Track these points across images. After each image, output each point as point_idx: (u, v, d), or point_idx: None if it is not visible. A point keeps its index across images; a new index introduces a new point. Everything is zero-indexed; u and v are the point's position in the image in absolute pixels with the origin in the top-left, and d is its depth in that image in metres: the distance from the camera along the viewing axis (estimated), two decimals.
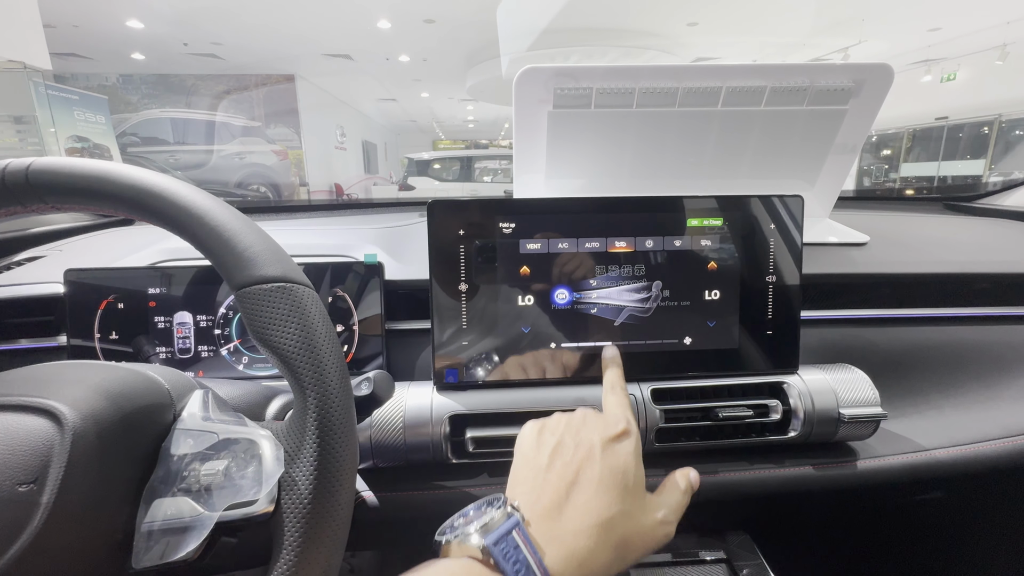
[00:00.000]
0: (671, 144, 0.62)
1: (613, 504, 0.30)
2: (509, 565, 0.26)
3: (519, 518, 0.29)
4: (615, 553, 0.30)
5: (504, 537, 0.27)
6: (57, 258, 0.66)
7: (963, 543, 0.64)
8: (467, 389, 0.47)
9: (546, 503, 0.30)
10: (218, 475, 0.26)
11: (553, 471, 0.32)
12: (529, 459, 0.34)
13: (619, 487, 0.31)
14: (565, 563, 0.28)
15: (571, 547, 0.28)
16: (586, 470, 0.32)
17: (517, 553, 0.27)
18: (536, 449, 0.34)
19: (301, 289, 0.29)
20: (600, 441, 0.33)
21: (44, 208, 0.30)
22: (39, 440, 0.24)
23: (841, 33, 6.46)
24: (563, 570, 0.27)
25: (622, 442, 0.34)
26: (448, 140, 16.88)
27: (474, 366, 0.47)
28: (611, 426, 0.35)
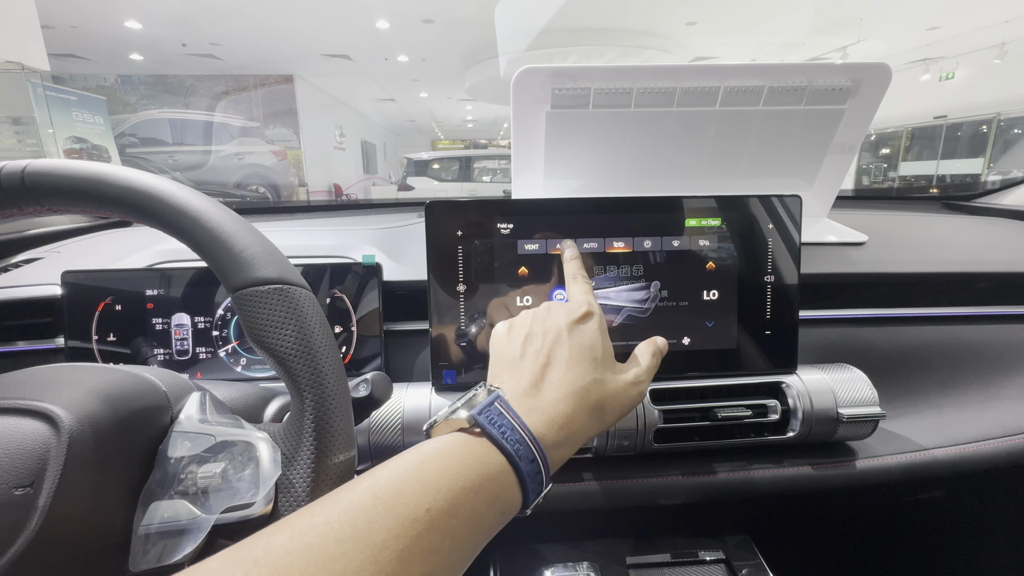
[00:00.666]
0: (669, 144, 0.62)
1: (585, 374, 0.33)
2: (495, 429, 0.27)
3: (500, 392, 0.31)
4: (593, 415, 0.32)
5: (487, 407, 0.29)
6: (55, 260, 0.66)
7: (962, 542, 0.64)
8: (466, 390, 0.47)
9: (524, 384, 0.32)
10: (215, 477, 0.26)
11: (527, 358, 0.34)
12: (503, 354, 0.36)
13: (589, 360, 0.33)
14: (547, 427, 0.30)
15: (551, 414, 0.30)
16: (556, 351, 0.33)
17: (501, 419, 0.28)
18: (508, 344, 0.36)
19: (298, 291, 0.29)
20: (566, 324, 0.35)
21: (40, 211, 0.30)
22: (35, 443, 0.24)
23: (840, 32, 6.46)
24: (546, 432, 0.29)
25: (587, 322, 0.36)
26: (447, 140, 16.88)
27: (472, 367, 0.47)
28: (575, 310, 0.36)
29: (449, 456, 0.26)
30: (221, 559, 0.19)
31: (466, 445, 0.27)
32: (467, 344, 0.47)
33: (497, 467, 0.26)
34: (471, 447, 0.27)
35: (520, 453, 0.27)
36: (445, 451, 0.26)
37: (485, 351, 0.47)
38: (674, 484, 0.47)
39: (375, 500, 0.22)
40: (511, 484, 0.27)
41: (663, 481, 0.47)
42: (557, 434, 0.30)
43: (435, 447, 0.26)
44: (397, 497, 0.22)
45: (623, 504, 0.46)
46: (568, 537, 0.50)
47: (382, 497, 0.22)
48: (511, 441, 0.27)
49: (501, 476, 0.26)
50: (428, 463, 0.25)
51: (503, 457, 0.27)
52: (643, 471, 0.47)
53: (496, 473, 0.26)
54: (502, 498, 0.26)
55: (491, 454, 0.27)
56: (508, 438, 0.27)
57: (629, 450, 0.46)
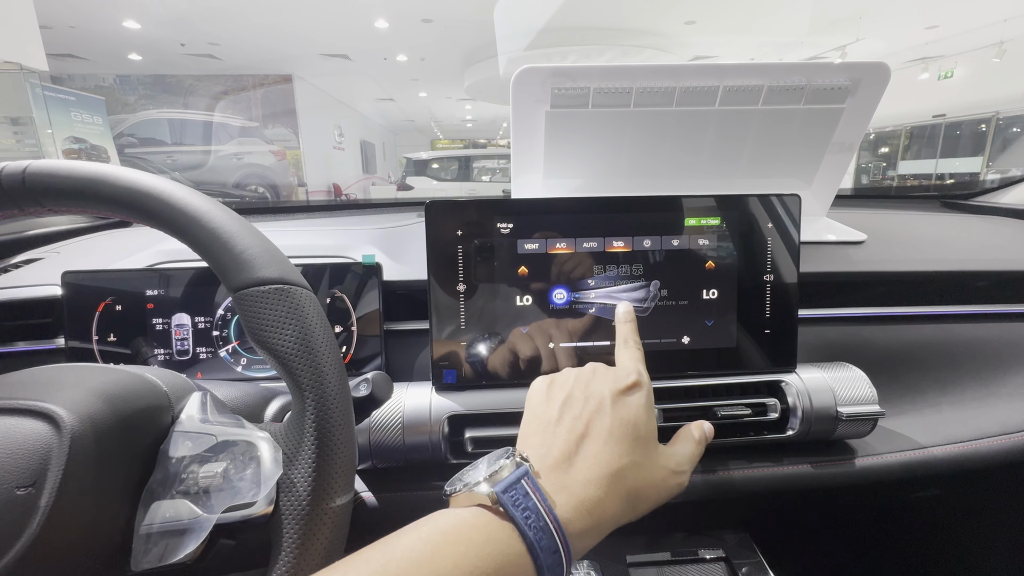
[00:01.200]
0: (668, 143, 0.62)
1: (624, 455, 0.30)
2: (519, 512, 0.26)
3: (528, 468, 0.28)
4: (626, 503, 0.30)
5: (513, 485, 0.27)
6: (55, 260, 0.66)
7: (960, 540, 0.64)
8: (466, 389, 0.47)
9: (556, 455, 0.30)
10: (216, 477, 0.27)
11: (563, 424, 0.32)
12: (538, 413, 0.33)
13: (630, 438, 0.31)
14: (575, 511, 0.27)
15: (581, 496, 0.28)
16: (596, 422, 0.31)
17: (527, 500, 0.26)
18: (546, 403, 0.34)
19: (298, 291, 0.29)
20: (610, 393, 0.33)
21: (41, 211, 0.30)
22: (37, 443, 0.24)
23: (839, 31, 6.46)
24: (573, 518, 0.27)
25: (633, 394, 0.33)
26: (446, 140, 16.86)
27: (473, 366, 0.47)
28: (621, 379, 0.34)
29: (468, 541, 0.24)
30: None
31: (486, 528, 0.25)
32: (475, 340, 0.47)
33: (516, 556, 0.25)
34: (491, 532, 0.25)
35: (542, 544, 0.25)
36: (463, 533, 0.25)
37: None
38: None
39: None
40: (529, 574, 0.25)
41: None
42: (584, 520, 0.28)
43: (452, 525, 0.25)
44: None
45: None
46: None
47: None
48: (534, 528, 0.25)
49: (519, 568, 0.25)
50: (444, 547, 0.24)
51: (524, 546, 0.25)
52: None
53: (514, 564, 0.25)
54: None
55: (512, 542, 0.25)
56: (531, 524, 0.26)
57: None
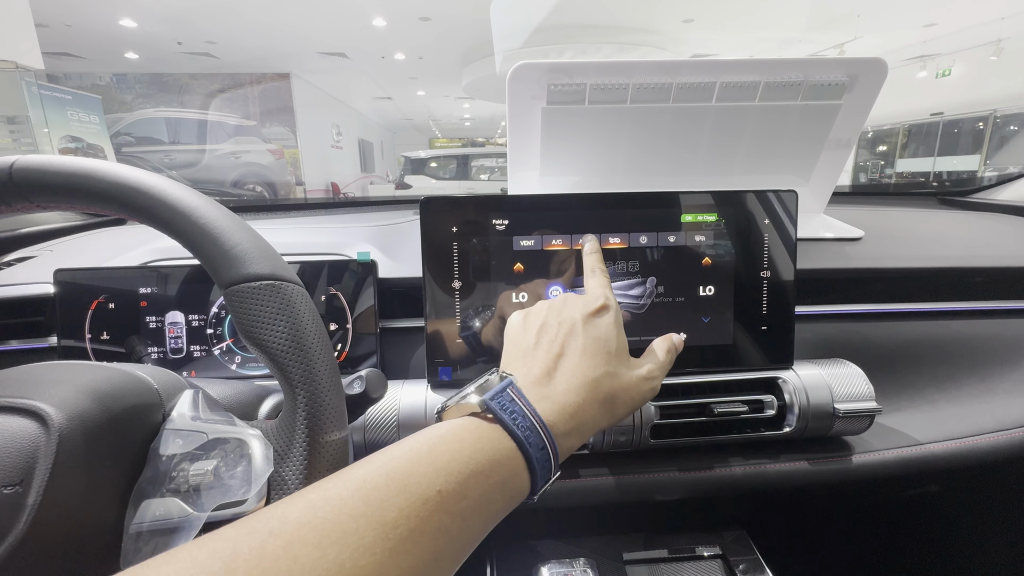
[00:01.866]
0: (665, 140, 0.62)
1: (598, 366, 0.33)
2: (507, 415, 0.28)
3: (512, 379, 0.31)
4: (604, 407, 0.32)
5: (500, 393, 0.29)
6: (48, 258, 0.65)
7: (957, 536, 0.64)
8: (461, 387, 0.46)
9: (536, 373, 0.32)
10: (207, 475, 0.26)
11: (540, 347, 0.34)
12: (517, 342, 0.36)
13: (603, 353, 0.34)
14: (558, 415, 0.30)
15: (562, 403, 0.30)
16: (571, 342, 0.34)
17: (513, 405, 0.28)
18: (522, 332, 0.36)
19: (290, 287, 0.28)
20: (581, 317, 0.35)
21: (30, 207, 0.30)
22: (24, 441, 0.24)
23: (837, 29, 6.47)
24: (556, 420, 0.29)
25: (602, 316, 0.36)
26: (445, 138, 16.85)
27: (468, 364, 0.47)
28: (591, 303, 0.36)
29: (461, 439, 0.26)
30: (237, 528, 0.20)
31: (478, 430, 0.27)
32: (470, 337, 0.47)
33: (507, 452, 0.27)
34: (482, 432, 0.27)
35: (530, 440, 0.27)
36: (457, 434, 0.26)
37: (489, 345, 0.47)
38: (671, 480, 0.47)
39: (388, 479, 0.22)
40: (520, 470, 0.27)
41: (660, 477, 0.47)
42: (567, 423, 0.30)
43: (447, 430, 0.27)
44: (409, 477, 0.23)
45: (620, 500, 0.46)
46: (565, 533, 0.50)
47: (395, 476, 0.23)
48: (522, 428, 0.28)
49: (511, 461, 0.27)
50: (440, 445, 0.25)
51: (513, 443, 0.27)
52: (640, 467, 0.47)
53: (506, 458, 0.26)
54: (511, 483, 0.26)
55: (502, 439, 0.27)
56: (519, 424, 0.28)
57: (626, 446, 0.46)
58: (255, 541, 0.19)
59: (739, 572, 0.46)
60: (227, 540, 0.19)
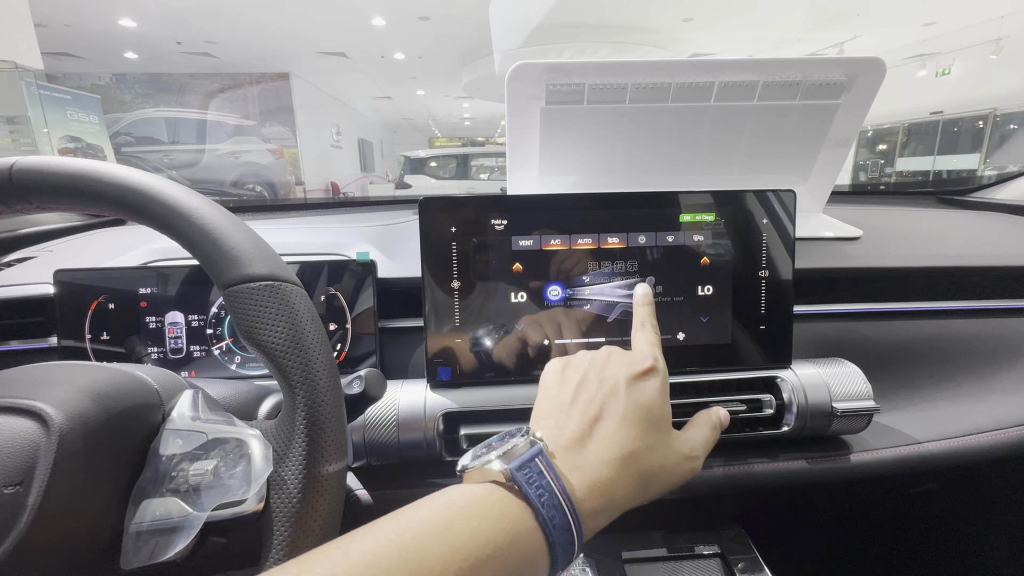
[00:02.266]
0: (664, 140, 0.62)
1: (637, 438, 0.30)
2: (532, 490, 0.26)
3: (542, 447, 0.29)
4: (638, 485, 0.30)
5: (527, 463, 0.27)
6: (48, 259, 0.65)
7: (955, 535, 0.65)
8: (460, 386, 0.47)
9: (569, 436, 0.30)
10: (207, 475, 0.26)
11: (577, 406, 0.32)
12: (553, 394, 0.33)
13: (644, 422, 0.31)
14: (587, 491, 0.28)
15: (593, 477, 0.28)
16: (610, 405, 0.31)
17: (540, 479, 0.26)
18: (560, 384, 0.34)
19: (289, 287, 0.29)
20: (625, 378, 0.32)
21: (29, 208, 0.30)
22: (25, 441, 0.24)
23: (836, 28, 6.47)
24: (585, 497, 0.27)
25: (648, 379, 0.33)
26: (444, 138, 16.85)
27: (467, 363, 0.47)
28: (637, 363, 0.34)
29: (481, 515, 0.24)
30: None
31: (500, 504, 0.25)
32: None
33: (529, 533, 0.25)
34: (505, 508, 0.25)
35: (555, 522, 0.25)
36: (477, 508, 0.25)
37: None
38: None
39: (399, 558, 0.21)
40: (541, 555, 0.25)
41: None
42: (596, 500, 0.28)
43: (467, 499, 0.25)
44: (423, 557, 0.22)
45: None
46: None
47: (406, 556, 0.21)
48: (547, 506, 0.26)
49: (532, 547, 0.25)
50: (458, 520, 0.24)
51: (536, 523, 0.25)
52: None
53: (528, 543, 0.25)
54: (528, 567, 0.25)
55: (525, 518, 0.25)
56: (545, 502, 0.26)
57: None
58: None
59: (737, 571, 0.46)
60: None
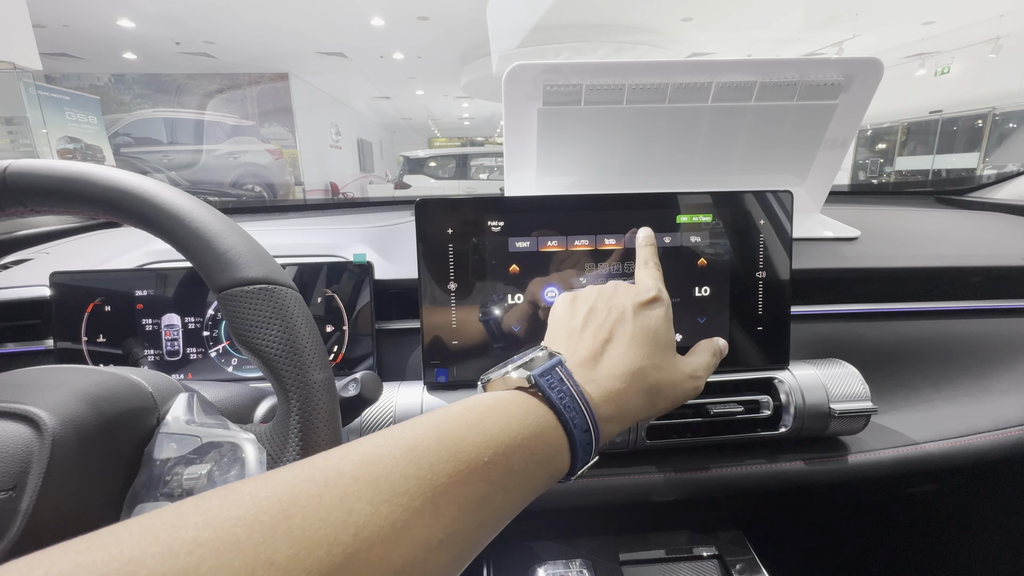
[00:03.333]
0: (662, 140, 0.62)
1: (645, 357, 0.32)
2: (554, 393, 0.28)
3: (561, 358, 0.31)
4: (647, 398, 0.32)
5: (549, 371, 0.29)
6: (44, 261, 0.65)
7: (954, 535, 0.65)
8: (457, 388, 0.47)
9: (583, 355, 0.32)
10: (201, 479, 0.26)
11: (588, 330, 0.34)
12: (563, 323, 0.35)
13: (650, 343, 0.33)
14: (602, 399, 0.30)
15: (607, 388, 0.30)
16: (619, 329, 0.33)
17: (561, 385, 0.28)
18: (570, 314, 0.35)
19: (283, 290, 0.28)
20: (632, 305, 0.35)
21: (23, 211, 0.30)
22: (17, 446, 0.24)
23: (835, 27, 6.47)
24: (600, 404, 0.30)
25: (653, 307, 0.35)
26: (444, 138, 16.85)
27: (464, 365, 0.47)
28: (642, 293, 0.36)
29: (509, 412, 0.26)
30: (295, 473, 0.20)
31: (526, 404, 0.27)
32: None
33: (553, 431, 0.27)
34: (530, 407, 0.27)
35: (575, 421, 0.27)
36: (506, 407, 0.26)
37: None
38: (667, 480, 0.47)
39: (439, 444, 0.22)
40: (563, 450, 0.27)
41: (656, 477, 0.47)
42: (610, 408, 0.30)
43: (496, 400, 0.27)
44: (460, 444, 0.23)
45: (616, 501, 0.46)
46: (561, 534, 0.50)
47: (445, 443, 0.23)
48: (568, 408, 0.28)
49: (556, 441, 0.27)
50: (489, 416, 0.25)
51: (559, 422, 0.27)
52: (636, 468, 0.47)
53: (552, 437, 0.27)
54: (553, 461, 0.27)
55: (549, 417, 0.27)
56: (566, 405, 0.28)
57: (622, 447, 0.46)
58: (313, 489, 0.19)
59: (735, 572, 0.46)
60: (285, 483, 0.19)
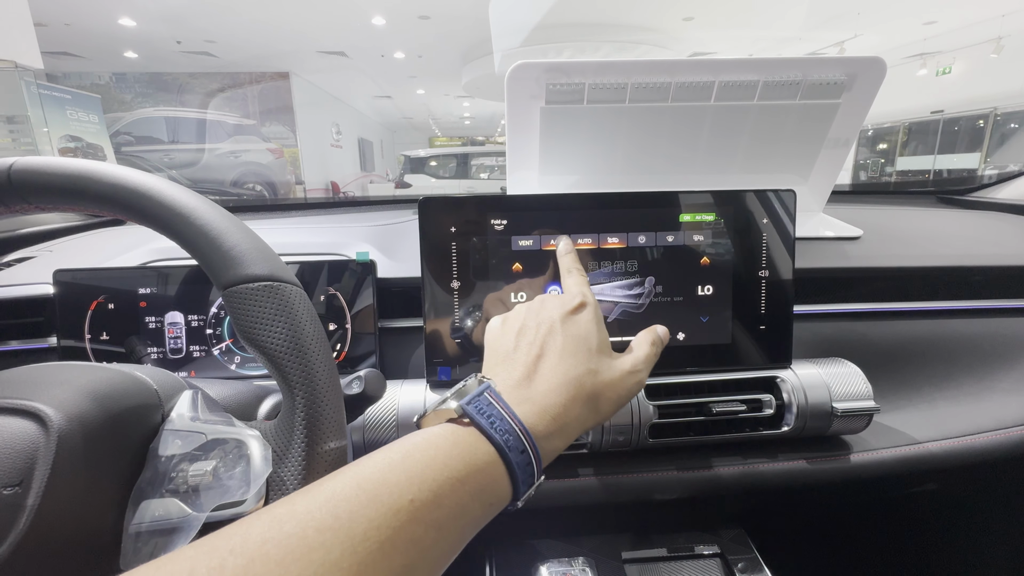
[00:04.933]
0: (664, 139, 0.62)
1: (579, 364, 0.32)
2: (484, 419, 0.27)
3: (490, 383, 0.30)
4: (588, 405, 0.32)
5: (477, 397, 0.28)
6: (47, 259, 0.65)
7: (956, 535, 0.65)
8: None
9: (517, 376, 0.31)
10: (206, 475, 0.26)
11: (520, 351, 0.33)
12: (496, 347, 0.35)
13: (583, 350, 0.33)
14: (539, 416, 0.29)
15: (543, 404, 0.30)
16: (550, 342, 0.33)
17: (490, 408, 0.28)
18: (501, 337, 0.35)
19: (288, 288, 0.28)
20: (560, 316, 0.34)
21: (28, 209, 0.30)
22: (24, 442, 0.24)
23: (837, 27, 6.46)
24: (537, 422, 0.29)
25: (581, 312, 0.35)
26: (444, 137, 16.85)
27: (467, 363, 0.47)
28: (568, 302, 0.36)
29: (436, 446, 0.25)
30: (197, 547, 0.19)
31: (454, 435, 0.26)
32: (463, 339, 0.47)
33: (485, 457, 0.26)
34: (459, 437, 0.26)
35: (510, 444, 0.26)
36: (432, 442, 0.25)
37: (481, 345, 0.47)
38: (669, 479, 0.47)
39: (358, 490, 0.22)
40: (500, 476, 0.26)
41: (658, 476, 0.47)
42: (549, 425, 0.29)
43: (422, 438, 0.26)
44: (381, 487, 0.22)
45: (618, 499, 0.46)
46: (563, 533, 0.50)
47: (365, 487, 0.22)
48: (500, 431, 0.27)
49: (489, 467, 0.26)
50: (415, 453, 0.24)
51: (492, 447, 0.26)
52: (638, 466, 0.47)
53: (484, 464, 0.26)
54: (490, 489, 0.26)
55: (479, 444, 0.26)
56: (497, 428, 0.27)
57: (624, 445, 0.46)
58: (214, 561, 0.18)
59: (737, 571, 0.46)
60: (185, 560, 0.18)
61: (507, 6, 5.75)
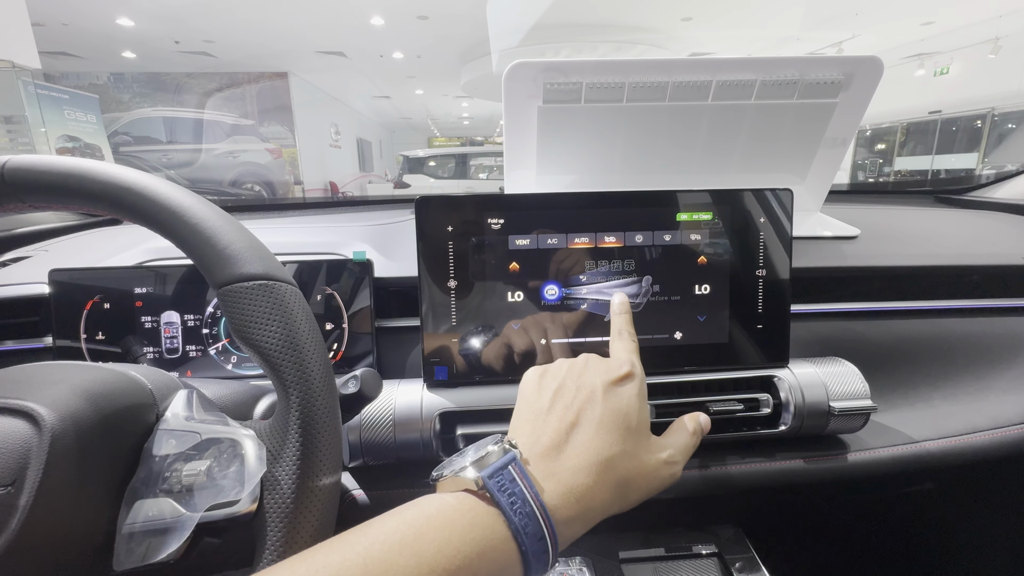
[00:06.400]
0: (662, 139, 0.62)
1: (615, 444, 0.30)
2: (504, 497, 0.25)
3: (516, 454, 0.28)
4: (616, 492, 0.29)
5: (500, 471, 0.27)
6: (43, 258, 0.65)
7: (953, 534, 0.65)
8: (457, 386, 0.46)
9: (546, 443, 0.30)
10: (200, 475, 0.26)
11: (554, 413, 0.31)
12: (530, 403, 0.33)
13: (621, 428, 0.31)
14: (562, 498, 0.27)
15: (569, 484, 0.28)
16: (587, 411, 0.31)
17: (513, 486, 0.26)
18: (537, 392, 0.34)
19: (283, 287, 0.28)
20: (602, 384, 0.32)
21: (22, 207, 0.30)
22: (16, 442, 0.24)
23: (835, 27, 6.47)
24: (560, 505, 0.27)
25: (625, 384, 0.33)
26: (443, 137, 16.85)
27: (464, 363, 0.47)
28: (614, 369, 0.34)
29: (451, 524, 0.24)
30: None
31: (471, 513, 0.25)
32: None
33: (500, 542, 0.25)
34: (476, 516, 0.25)
35: (528, 529, 0.25)
36: (447, 517, 0.24)
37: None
38: None
39: (364, 570, 0.21)
40: (513, 563, 0.25)
41: None
42: (572, 507, 0.27)
43: (437, 509, 0.25)
44: (388, 570, 0.21)
45: None
46: None
47: (371, 568, 0.21)
48: (520, 514, 0.25)
49: (503, 554, 0.25)
50: (428, 530, 0.23)
51: (509, 531, 0.25)
52: None
53: (499, 550, 0.24)
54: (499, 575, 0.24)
55: (497, 527, 0.25)
56: (517, 510, 0.25)
57: None
58: None
59: (735, 570, 0.46)
60: None
61: (505, 6, 5.75)
